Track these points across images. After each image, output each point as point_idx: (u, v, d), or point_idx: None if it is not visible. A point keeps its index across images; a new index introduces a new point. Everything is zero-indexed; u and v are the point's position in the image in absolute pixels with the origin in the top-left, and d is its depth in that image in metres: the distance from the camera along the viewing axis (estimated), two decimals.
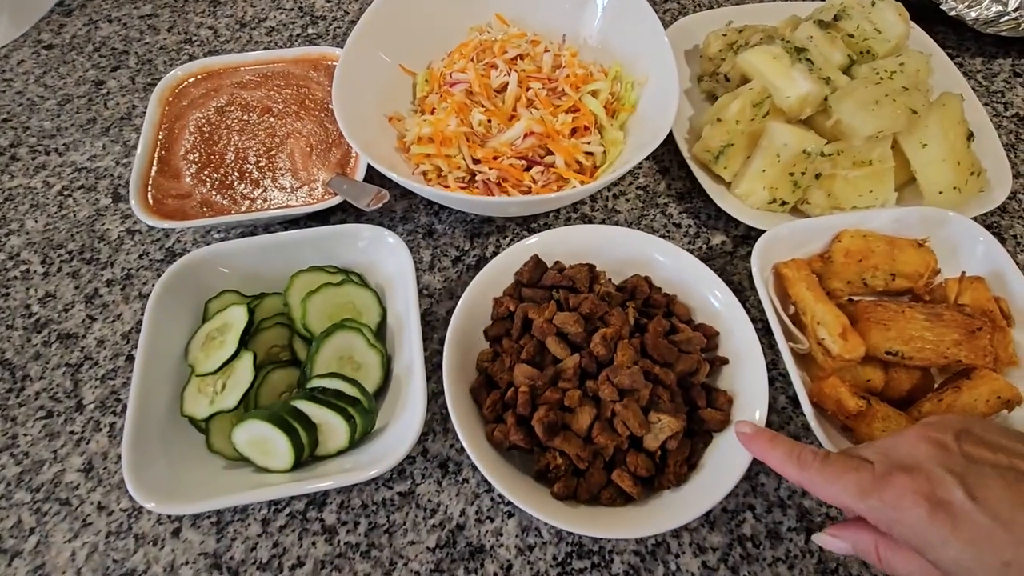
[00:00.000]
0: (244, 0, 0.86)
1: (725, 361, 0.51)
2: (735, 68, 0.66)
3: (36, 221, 0.66)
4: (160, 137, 0.62)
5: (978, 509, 0.30)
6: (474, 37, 0.68)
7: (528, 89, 0.62)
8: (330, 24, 0.83)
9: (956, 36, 0.80)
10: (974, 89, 0.74)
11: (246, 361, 0.49)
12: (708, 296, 0.52)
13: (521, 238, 0.64)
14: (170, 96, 0.65)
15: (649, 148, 0.54)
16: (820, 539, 0.39)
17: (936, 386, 0.51)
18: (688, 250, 0.64)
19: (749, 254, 0.64)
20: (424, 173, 0.61)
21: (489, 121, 0.60)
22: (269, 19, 0.84)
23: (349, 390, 0.47)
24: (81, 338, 0.59)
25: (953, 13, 0.74)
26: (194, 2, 0.86)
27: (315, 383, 0.48)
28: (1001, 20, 0.72)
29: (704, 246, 0.64)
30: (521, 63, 0.65)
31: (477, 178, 0.59)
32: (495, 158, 0.59)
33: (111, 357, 0.57)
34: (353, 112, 0.57)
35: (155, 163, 0.60)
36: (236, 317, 0.51)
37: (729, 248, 0.64)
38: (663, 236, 0.65)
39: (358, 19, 0.84)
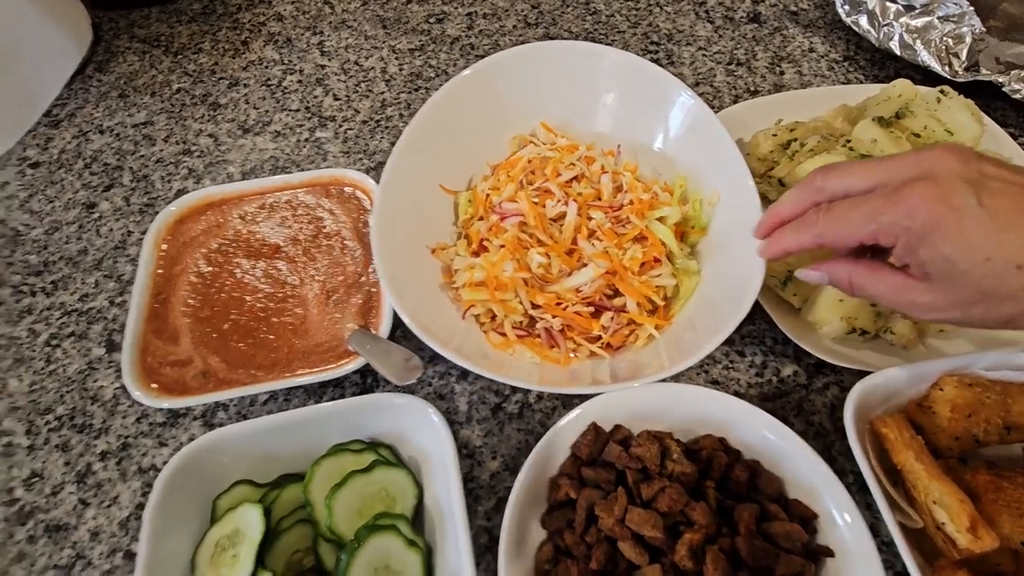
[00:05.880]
0: (247, 103, 0.80)
1: (829, 553, 0.43)
2: (792, 175, 0.60)
3: (20, 380, 0.59)
4: (156, 290, 0.55)
5: (984, 213, 0.34)
6: (517, 151, 0.61)
7: (590, 219, 0.55)
8: (340, 125, 0.78)
9: (1016, 113, 0.74)
10: None
11: None
12: (805, 471, 0.45)
13: None
14: (167, 235, 0.58)
15: (740, 312, 0.47)
16: (802, 272, 0.45)
17: None
18: (756, 384, 0.57)
19: (826, 386, 0.57)
20: (476, 316, 0.54)
21: (548, 257, 0.53)
22: (274, 122, 0.78)
23: None
24: (73, 529, 0.51)
25: (1018, 96, 0.68)
26: (192, 107, 0.80)
27: None
28: None
29: (774, 378, 0.57)
30: (577, 186, 0.58)
31: (538, 325, 0.52)
32: (558, 303, 0.52)
33: (107, 554, 0.50)
34: (393, 258, 0.51)
35: (151, 320, 0.53)
36: (250, 523, 0.43)
37: (803, 380, 0.57)
38: (726, 368, 0.58)
39: (370, 119, 0.80)
